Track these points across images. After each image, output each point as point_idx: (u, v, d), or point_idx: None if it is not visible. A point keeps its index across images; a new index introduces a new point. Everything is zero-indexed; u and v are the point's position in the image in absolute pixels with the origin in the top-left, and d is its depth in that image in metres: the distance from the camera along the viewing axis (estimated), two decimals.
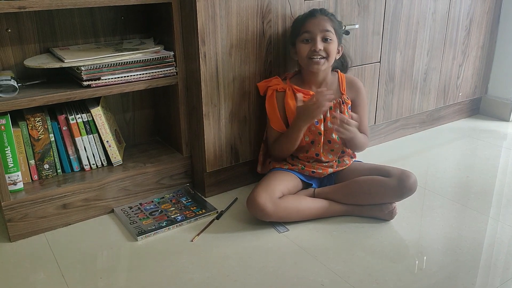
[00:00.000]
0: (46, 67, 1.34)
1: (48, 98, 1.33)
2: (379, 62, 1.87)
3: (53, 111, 1.47)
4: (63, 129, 1.45)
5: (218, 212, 1.51)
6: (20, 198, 1.35)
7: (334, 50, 1.48)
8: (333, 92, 1.47)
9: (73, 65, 1.35)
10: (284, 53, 1.59)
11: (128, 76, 1.43)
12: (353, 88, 1.56)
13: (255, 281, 1.19)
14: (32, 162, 1.43)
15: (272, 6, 1.50)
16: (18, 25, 1.42)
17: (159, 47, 1.52)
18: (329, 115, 1.51)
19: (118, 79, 1.42)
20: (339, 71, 1.58)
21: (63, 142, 1.47)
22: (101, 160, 1.53)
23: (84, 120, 1.46)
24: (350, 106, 1.55)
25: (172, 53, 1.49)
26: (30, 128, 1.40)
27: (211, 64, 1.43)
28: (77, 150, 1.49)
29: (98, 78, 1.39)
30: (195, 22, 1.37)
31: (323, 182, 1.55)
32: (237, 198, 1.60)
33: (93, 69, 1.37)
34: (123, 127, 1.72)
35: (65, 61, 1.35)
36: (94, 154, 1.51)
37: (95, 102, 1.50)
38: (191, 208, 1.52)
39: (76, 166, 1.51)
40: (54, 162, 1.47)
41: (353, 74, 1.78)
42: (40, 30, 1.47)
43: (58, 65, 1.34)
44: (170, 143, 1.72)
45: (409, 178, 1.39)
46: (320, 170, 1.52)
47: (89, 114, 1.46)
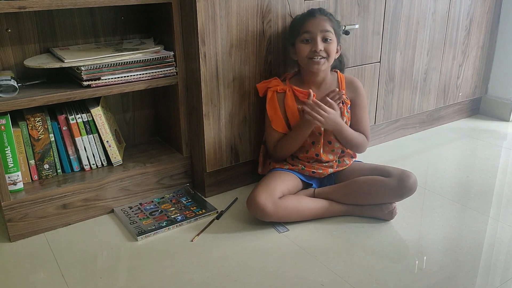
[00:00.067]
0: (46, 67, 1.34)
1: (48, 98, 1.33)
2: (379, 62, 1.87)
3: (53, 111, 1.47)
4: (63, 129, 1.45)
5: (218, 212, 1.51)
6: (20, 198, 1.35)
7: (334, 50, 1.48)
8: (343, 92, 1.49)
9: (73, 65, 1.35)
10: (284, 53, 1.58)
11: (128, 76, 1.43)
12: (352, 88, 1.56)
13: (255, 281, 1.19)
14: (32, 162, 1.43)
15: (272, 6, 1.50)
16: (18, 25, 1.42)
17: (159, 47, 1.52)
18: None
19: (118, 79, 1.42)
20: (338, 71, 1.59)
21: (63, 142, 1.47)
22: (101, 160, 1.53)
23: (84, 120, 1.46)
24: (349, 106, 1.55)
25: (172, 53, 1.49)
26: (30, 128, 1.40)
27: (211, 64, 1.43)
28: (77, 150, 1.49)
29: (98, 78, 1.39)
30: (195, 22, 1.37)
31: (323, 182, 1.55)
32: (237, 198, 1.60)
33: (93, 69, 1.37)
34: (123, 127, 1.72)
35: (65, 61, 1.35)
36: (94, 154, 1.51)
37: (95, 102, 1.50)
38: (191, 208, 1.52)
39: (76, 166, 1.51)
40: (54, 162, 1.47)
41: (353, 74, 1.78)
42: (40, 30, 1.47)
43: (58, 65, 1.34)
44: (170, 143, 1.72)
45: (409, 178, 1.39)
46: (320, 170, 1.52)
47: (89, 114, 1.46)
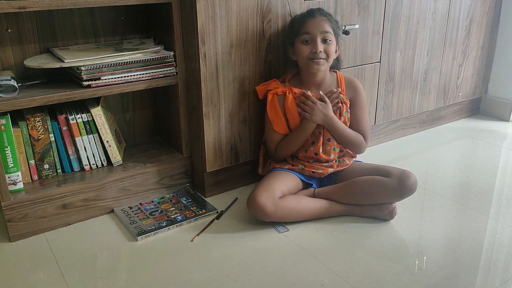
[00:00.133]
0: (46, 67, 1.34)
1: (48, 98, 1.33)
2: (379, 62, 1.87)
3: (53, 111, 1.47)
4: (63, 129, 1.45)
5: (218, 212, 1.51)
6: (20, 198, 1.35)
7: (333, 51, 1.48)
8: (340, 90, 1.50)
9: (73, 65, 1.35)
10: (284, 53, 1.58)
11: (128, 76, 1.43)
12: (351, 87, 1.56)
13: (255, 281, 1.19)
14: (32, 162, 1.43)
15: (272, 6, 1.50)
16: (18, 25, 1.42)
17: (159, 47, 1.52)
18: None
19: (118, 79, 1.42)
20: (338, 72, 1.58)
21: (63, 142, 1.47)
22: (101, 160, 1.53)
23: (84, 120, 1.46)
24: (349, 106, 1.55)
25: (172, 53, 1.49)
26: (30, 128, 1.40)
27: (211, 64, 1.43)
28: (77, 150, 1.49)
29: (98, 78, 1.39)
30: (195, 22, 1.37)
31: (323, 182, 1.55)
32: (237, 198, 1.60)
33: (93, 69, 1.37)
34: (123, 127, 1.72)
35: (65, 61, 1.35)
36: (94, 154, 1.51)
37: (95, 102, 1.50)
38: (191, 208, 1.52)
39: (76, 166, 1.51)
40: (54, 162, 1.47)
41: (353, 74, 1.78)
42: (40, 30, 1.47)
43: (58, 65, 1.34)
44: (170, 143, 1.72)
45: (409, 178, 1.39)
46: (320, 170, 1.52)
47: (89, 114, 1.46)
